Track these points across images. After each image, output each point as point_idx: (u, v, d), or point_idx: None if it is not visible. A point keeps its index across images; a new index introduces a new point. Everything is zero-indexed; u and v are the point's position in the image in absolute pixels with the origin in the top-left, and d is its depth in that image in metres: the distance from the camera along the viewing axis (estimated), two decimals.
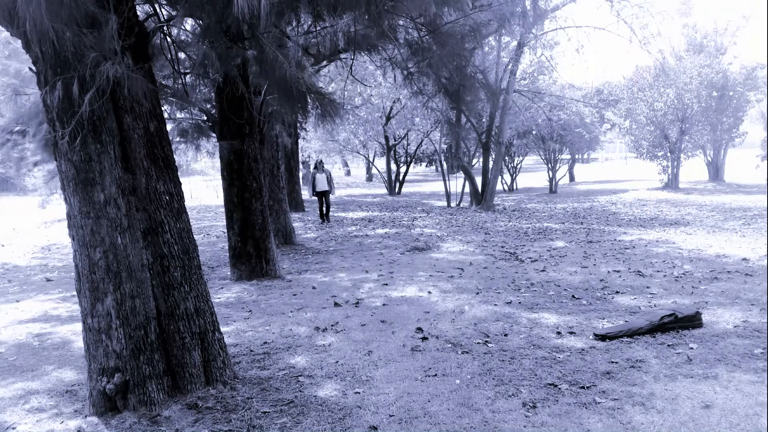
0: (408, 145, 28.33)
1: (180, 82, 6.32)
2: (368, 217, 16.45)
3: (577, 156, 31.45)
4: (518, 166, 27.74)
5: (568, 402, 3.73)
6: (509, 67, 16.97)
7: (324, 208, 15.07)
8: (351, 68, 7.99)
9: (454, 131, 17.97)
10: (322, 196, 14.99)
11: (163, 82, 7.77)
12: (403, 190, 27.42)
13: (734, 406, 3.59)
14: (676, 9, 29.54)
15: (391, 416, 3.63)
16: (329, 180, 14.98)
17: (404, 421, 3.57)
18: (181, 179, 4.19)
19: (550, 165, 25.25)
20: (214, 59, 4.31)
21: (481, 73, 14.01)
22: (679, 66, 22.80)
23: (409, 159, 29.02)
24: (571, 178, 30.77)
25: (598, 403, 3.70)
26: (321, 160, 15.67)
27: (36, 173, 12.42)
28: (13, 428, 3.71)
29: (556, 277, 7.58)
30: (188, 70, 6.09)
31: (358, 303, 6.61)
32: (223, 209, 8.47)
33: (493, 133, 18.15)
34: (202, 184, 25.69)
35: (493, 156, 17.95)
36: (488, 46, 16.96)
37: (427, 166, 46.10)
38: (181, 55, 5.84)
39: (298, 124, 16.99)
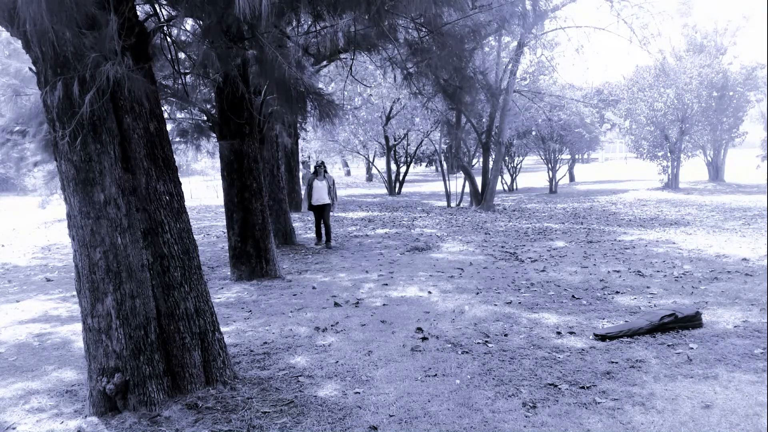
0: (408, 145, 28.34)
1: (180, 82, 6.32)
2: (368, 217, 16.45)
3: (577, 156, 31.44)
4: (518, 166, 27.75)
5: (568, 402, 3.73)
6: (509, 67, 16.98)
7: (323, 228, 10.97)
8: (351, 68, 8.00)
9: (453, 133, 17.96)
10: (321, 212, 10.90)
11: (163, 82, 7.77)
12: (403, 190, 27.42)
13: (734, 406, 3.59)
14: (676, 9, 29.52)
15: (391, 416, 3.63)
16: (332, 190, 10.92)
17: (404, 421, 3.57)
18: (181, 179, 4.19)
19: (550, 165, 25.26)
20: (214, 59, 4.31)
21: (481, 74, 13.99)
22: (679, 66, 22.80)
23: (409, 159, 29.03)
24: (571, 178, 30.77)
25: (598, 403, 3.70)
26: (322, 162, 11.13)
27: (36, 173, 12.42)
28: (13, 428, 3.71)
29: (556, 277, 7.58)
30: (188, 70, 6.09)
31: (358, 303, 6.61)
32: (223, 209, 8.47)
33: (493, 133, 18.15)
34: (202, 184, 25.69)
35: (493, 156, 17.96)
36: (488, 46, 16.96)
37: (427, 166, 46.10)
38: (181, 55, 5.83)
39: (298, 124, 16.90)
